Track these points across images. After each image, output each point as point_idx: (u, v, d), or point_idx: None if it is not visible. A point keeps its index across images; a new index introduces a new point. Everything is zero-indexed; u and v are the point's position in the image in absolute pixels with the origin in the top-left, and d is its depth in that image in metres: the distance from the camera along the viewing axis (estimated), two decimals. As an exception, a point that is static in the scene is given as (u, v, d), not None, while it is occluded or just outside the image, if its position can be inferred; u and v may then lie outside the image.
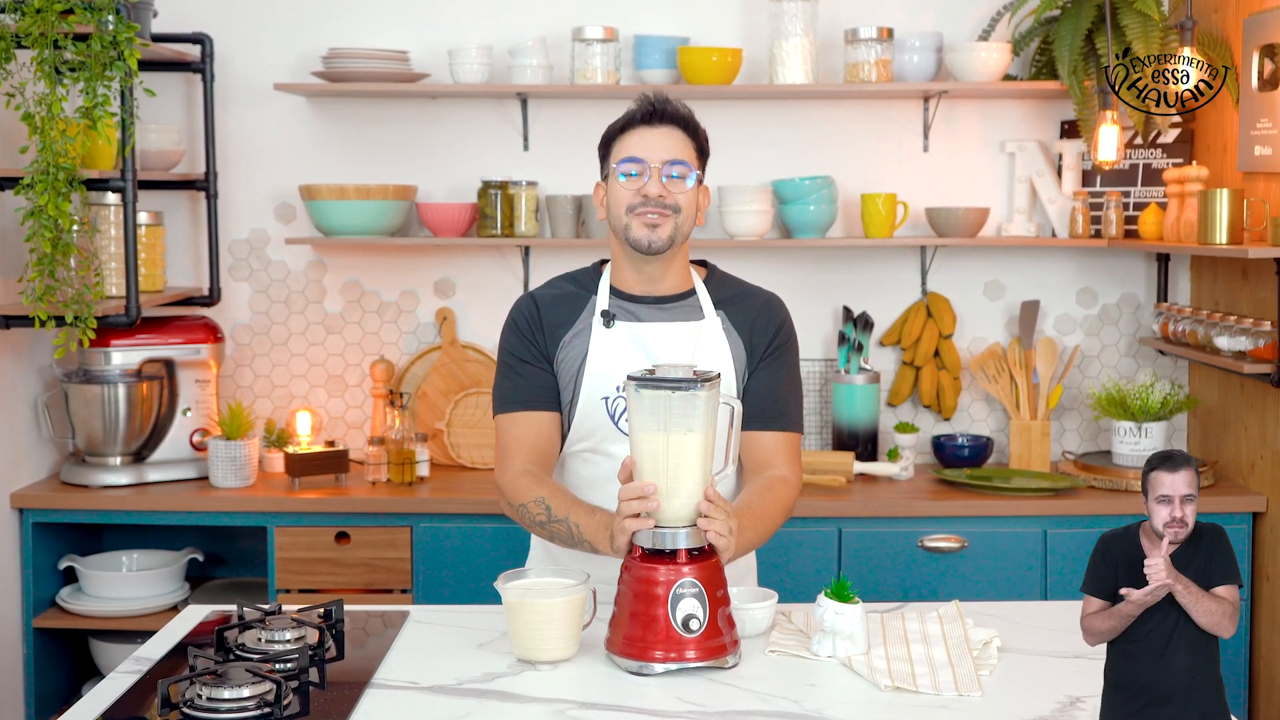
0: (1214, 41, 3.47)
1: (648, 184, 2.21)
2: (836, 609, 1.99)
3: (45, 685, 3.48)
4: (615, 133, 2.27)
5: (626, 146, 2.24)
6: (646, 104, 2.24)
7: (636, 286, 2.31)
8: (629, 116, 2.26)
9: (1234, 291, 3.53)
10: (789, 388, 2.32)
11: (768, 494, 2.20)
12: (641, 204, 2.22)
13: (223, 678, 1.80)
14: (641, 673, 1.92)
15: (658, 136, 2.23)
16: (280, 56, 3.82)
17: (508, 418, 2.29)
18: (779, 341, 2.32)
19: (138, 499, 3.46)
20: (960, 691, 1.87)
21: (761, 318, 2.33)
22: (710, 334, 2.29)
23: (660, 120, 2.24)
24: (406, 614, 2.25)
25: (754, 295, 2.37)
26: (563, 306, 2.31)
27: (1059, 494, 3.43)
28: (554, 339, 2.29)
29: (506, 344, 2.33)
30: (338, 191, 3.63)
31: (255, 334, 3.90)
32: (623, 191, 2.24)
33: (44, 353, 3.60)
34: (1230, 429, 3.58)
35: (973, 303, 3.90)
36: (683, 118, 2.26)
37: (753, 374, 2.31)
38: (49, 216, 3.01)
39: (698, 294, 2.33)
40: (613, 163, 2.26)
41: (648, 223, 2.22)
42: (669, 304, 2.31)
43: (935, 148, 3.86)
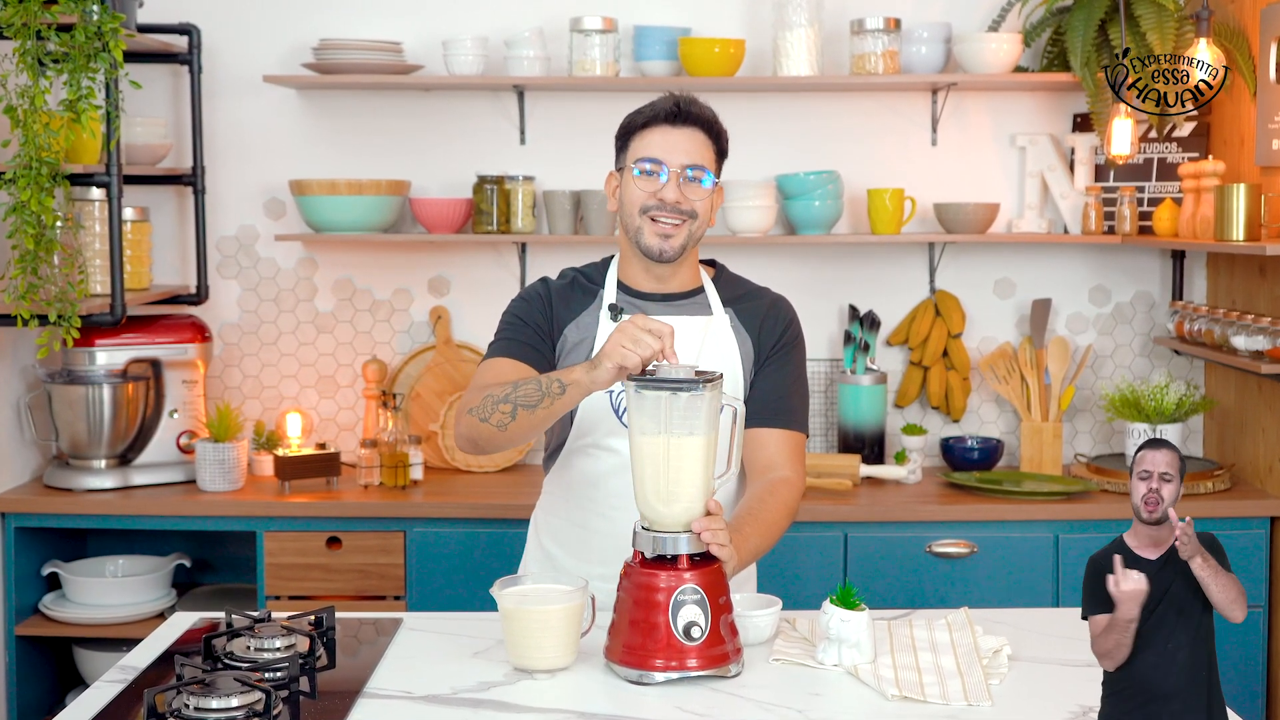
0: (1230, 32, 3.47)
1: (664, 187, 2.23)
2: (842, 616, 1.99)
3: (28, 695, 3.48)
4: (637, 126, 2.28)
5: (647, 144, 2.25)
6: (672, 103, 2.25)
7: (645, 284, 2.33)
8: (654, 112, 2.26)
9: (1251, 289, 3.53)
10: (795, 386, 2.34)
11: (770, 498, 2.21)
12: (656, 207, 2.24)
13: (211, 687, 1.80)
14: (641, 682, 1.92)
15: (680, 138, 2.25)
16: (270, 47, 3.82)
17: (491, 361, 2.28)
18: (787, 339, 2.35)
19: (123, 503, 3.46)
20: (970, 701, 1.87)
21: (770, 317, 2.35)
22: (718, 330, 2.32)
23: (685, 121, 2.25)
24: (400, 621, 2.25)
25: (762, 295, 2.40)
26: (573, 296, 2.34)
27: (1071, 498, 3.43)
28: (560, 324, 2.31)
29: (513, 309, 2.34)
30: (329, 187, 3.63)
31: (244, 333, 3.90)
32: (638, 191, 2.25)
33: (27, 352, 3.60)
34: (1247, 431, 3.59)
35: (982, 301, 3.90)
36: (707, 120, 2.28)
37: (759, 372, 2.32)
38: (31, 212, 3.01)
39: (706, 292, 2.36)
40: (630, 158, 2.27)
41: (660, 231, 2.24)
42: (677, 300, 2.33)
43: (944, 142, 3.86)
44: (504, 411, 2.11)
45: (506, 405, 2.10)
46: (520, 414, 2.10)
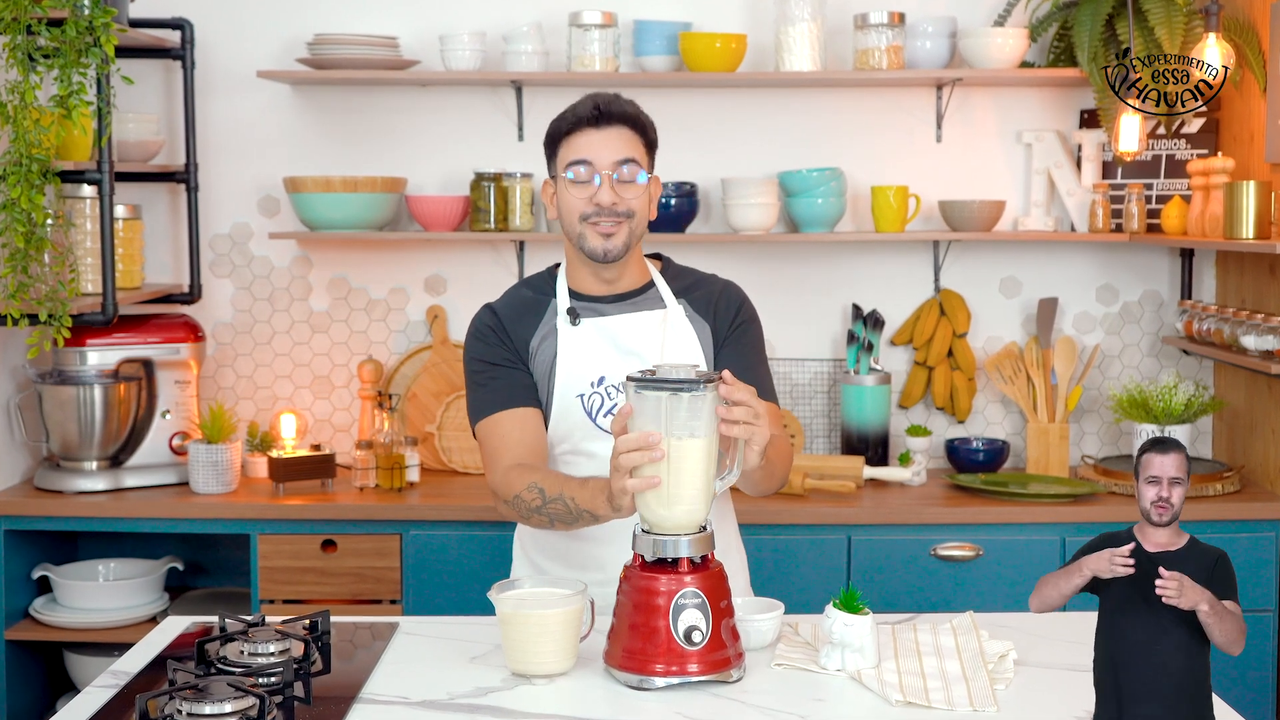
0: (1240, 27, 3.47)
1: (599, 191, 2.26)
2: (845, 620, 1.99)
3: (18, 700, 3.48)
4: (563, 133, 2.31)
5: (574, 149, 2.28)
6: (592, 105, 2.29)
7: (594, 287, 2.36)
8: (576, 117, 2.29)
9: (1261, 288, 3.53)
10: (757, 360, 2.38)
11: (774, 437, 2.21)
12: (595, 213, 2.27)
13: (204, 692, 1.80)
14: (641, 687, 1.92)
15: (606, 138, 2.28)
16: (264, 42, 3.82)
17: (488, 422, 2.31)
18: (742, 318, 2.39)
19: (115, 505, 3.46)
20: (975, 707, 1.87)
21: (722, 300, 2.39)
22: (675, 321, 2.35)
23: (608, 121, 2.28)
24: (396, 625, 2.26)
25: (712, 281, 2.44)
26: (523, 313, 2.36)
27: (1078, 500, 3.43)
28: (521, 343, 2.33)
29: (472, 354, 2.36)
30: (324, 184, 3.63)
31: (237, 333, 3.90)
32: (573, 199, 2.29)
33: (17, 352, 3.60)
34: (1257, 432, 3.59)
35: (988, 300, 3.90)
36: (630, 116, 2.31)
37: (720, 353, 2.36)
38: (22, 210, 3.01)
39: (656, 286, 2.39)
40: (560, 165, 2.31)
41: (602, 232, 2.28)
42: (629, 299, 2.37)
43: (949, 138, 3.86)
44: (540, 521, 2.20)
45: (542, 518, 2.18)
46: (558, 525, 2.19)
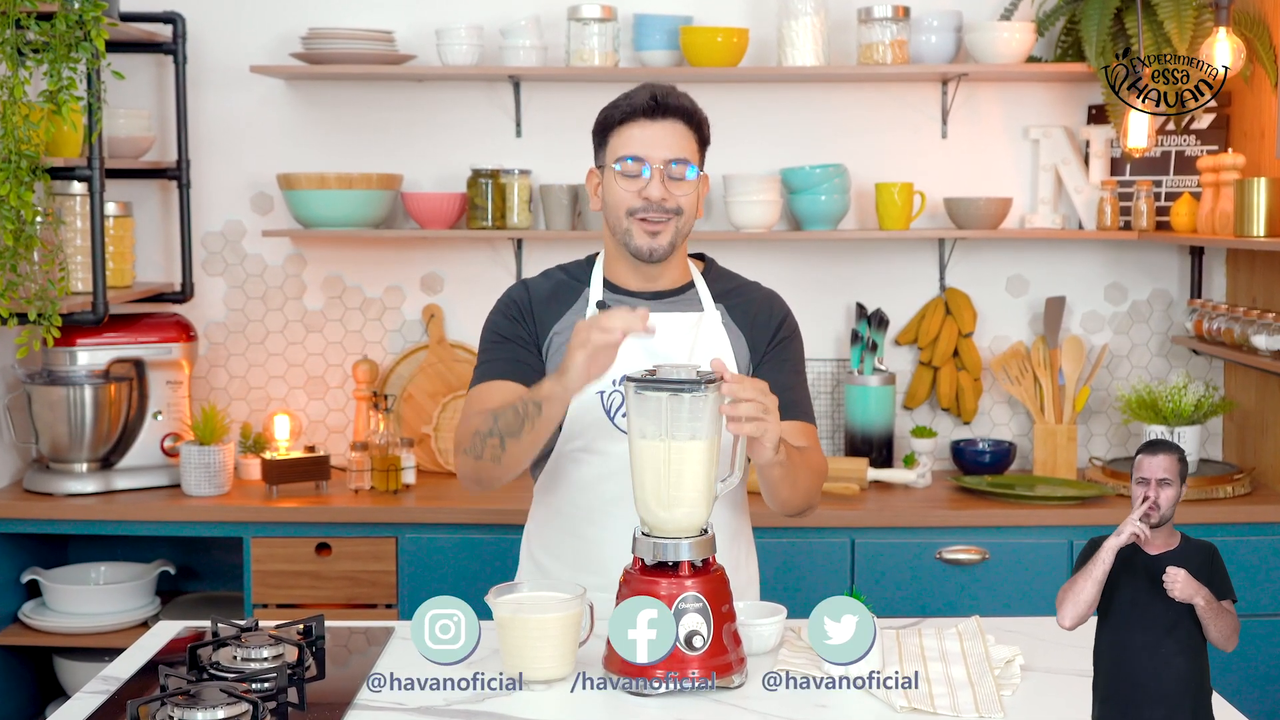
0: (1250, 21, 3.47)
1: (649, 185, 2.24)
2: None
3: (7, 706, 3.48)
4: (615, 122, 2.28)
5: (626, 141, 2.26)
6: (649, 95, 2.26)
7: (632, 282, 2.34)
8: (631, 107, 2.27)
9: (1272, 287, 3.54)
10: (797, 380, 2.35)
11: (801, 449, 2.21)
12: (643, 208, 2.24)
13: (196, 698, 1.80)
14: (641, 692, 1.92)
15: (660, 132, 2.25)
16: (257, 37, 3.82)
17: (480, 388, 2.29)
18: (783, 334, 2.36)
19: (105, 508, 3.46)
20: (981, 713, 1.87)
21: (763, 313, 2.36)
22: (710, 327, 2.32)
23: (664, 114, 2.26)
24: (391, 630, 2.25)
25: (754, 290, 2.41)
26: (556, 296, 2.34)
27: (1086, 502, 3.43)
28: (544, 328, 2.32)
29: (491, 324, 2.35)
30: (318, 180, 3.63)
31: (230, 332, 3.91)
32: (622, 192, 2.26)
33: (5, 352, 3.60)
34: (1268, 433, 3.59)
35: (994, 299, 3.90)
36: (687, 110, 2.28)
37: (757, 369, 2.33)
38: (10, 207, 3.01)
39: (696, 288, 2.36)
40: (610, 156, 2.28)
41: (649, 230, 2.25)
42: (667, 298, 2.34)
43: (954, 134, 3.86)
44: (493, 446, 2.15)
45: (494, 439, 2.14)
46: (509, 444, 2.13)
